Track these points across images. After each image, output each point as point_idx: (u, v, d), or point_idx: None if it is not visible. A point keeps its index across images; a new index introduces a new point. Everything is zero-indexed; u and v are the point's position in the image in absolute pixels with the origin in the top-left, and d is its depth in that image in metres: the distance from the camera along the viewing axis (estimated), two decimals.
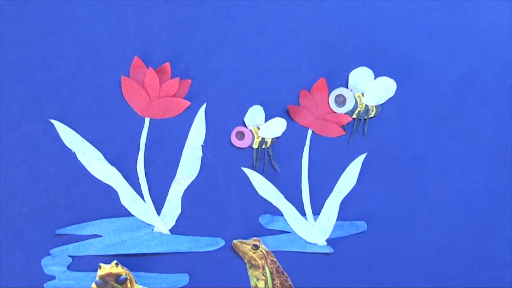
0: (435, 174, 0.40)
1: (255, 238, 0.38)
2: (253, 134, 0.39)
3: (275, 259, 0.39)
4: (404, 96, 0.40)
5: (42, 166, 0.39)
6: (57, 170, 0.39)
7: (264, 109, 0.39)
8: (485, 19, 0.40)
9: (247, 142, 0.39)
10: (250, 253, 0.39)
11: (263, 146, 0.39)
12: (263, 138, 0.39)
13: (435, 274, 0.40)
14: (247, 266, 0.39)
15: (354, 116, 0.40)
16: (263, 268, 0.39)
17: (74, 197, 0.39)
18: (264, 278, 0.39)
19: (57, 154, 0.39)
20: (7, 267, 0.38)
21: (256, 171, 0.39)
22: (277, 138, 0.39)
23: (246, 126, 0.39)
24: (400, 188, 0.40)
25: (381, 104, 0.40)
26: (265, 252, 0.38)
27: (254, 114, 0.39)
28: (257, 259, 0.38)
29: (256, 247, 0.38)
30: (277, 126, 0.39)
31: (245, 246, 0.38)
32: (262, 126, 0.39)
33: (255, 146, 0.39)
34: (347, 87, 0.40)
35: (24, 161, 0.39)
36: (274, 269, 0.39)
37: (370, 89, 0.40)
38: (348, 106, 0.40)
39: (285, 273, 0.39)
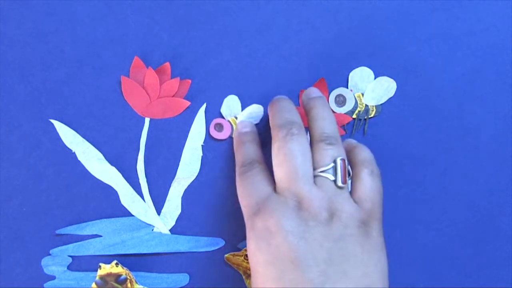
0: (435, 174, 0.40)
1: (246, 248, 0.38)
2: (231, 125, 0.39)
3: None
4: (404, 96, 0.40)
5: (42, 166, 0.39)
6: (57, 170, 0.39)
7: (264, 109, 0.39)
8: (485, 19, 0.40)
9: (226, 134, 0.39)
10: (244, 264, 0.38)
11: None
12: None
13: (435, 274, 0.40)
14: (244, 277, 0.39)
15: (354, 116, 0.40)
16: None
17: (74, 197, 0.39)
18: None
19: (57, 154, 0.39)
20: (7, 267, 0.38)
21: None
22: (256, 125, 0.39)
23: (223, 118, 0.39)
24: (400, 188, 0.40)
25: (381, 104, 0.40)
26: None
27: (230, 105, 0.39)
28: None
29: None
30: (255, 113, 0.39)
31: (237, 258, 0.38)
32: (239, 115, 0.39)
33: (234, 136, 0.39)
34: (347, 87, 0.40)
35: (24, 161, 0.39)
36: None
37: (370, 89, 0.40)
38: (348, 106, 0.40)
39: None
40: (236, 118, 0.39)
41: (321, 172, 0.32)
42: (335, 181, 0.32)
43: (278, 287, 0.29)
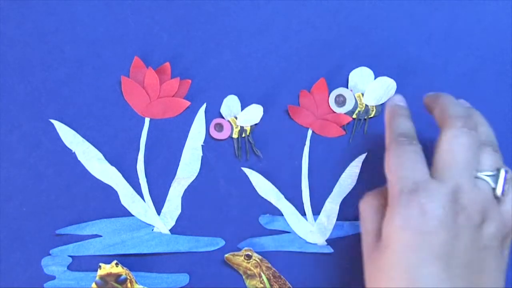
0: None
1: (246, 248, 0.38)
2: (231, 124, 0.39)
3: (269, 265, 0.39)
4: (404, 96, 0.40)
5: (42, 166, 0.39)
6: (57, 170, 0.39)
7: (264, 109, 0.39)
8: (485, 19, 0.40)
9: (226, 134, 0.39)
10: (244, 264, 0.38)
11: (243, 135, 0.39)
12: (241, 127, 0.39)
13: None
14: (244, 277, 0.39)
15: (354, 116, 0.40)
16: (260, 276, 0.38)
17: (74, 197, 0.39)
18: (262, 285, 0.39)
19: (57, 154, 0.39)
20: (7, 267, 0.38)
21: (239, 161, 0.39)
22: (255, 125, 0.39)
23: (223, 118, 0.39)
24: None
25: (381, 104, 0.40)
26: (258, 260, 0.38)
27: (230, 105, 0.39)
28: (251, 268, 0.38)
29: (248, 257, 0.38)
30: (254, 113, 0.39)
31: (237, 258, 0.38)
32: (239, 115, 0.39)
33: (235, 136, 0.39)
34: (347, 87, 0.40)
35: (24, 161, 0.39)
36: (270, 275, 0.39)
37: (370, 89, 0.40)
38: (348, 106, 0.40)
39: (282, 276, 0.39)
40: (236, 118, 0.39)
41: (484, 175, 0.31)
42: (494, 189, 0.31)
43: (412, 274, 0.29)
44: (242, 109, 0.39)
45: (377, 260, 0.31)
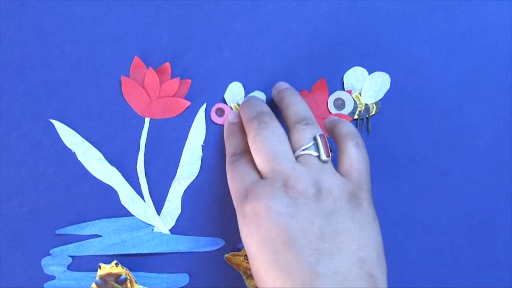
0: (435, 174, 0.40)
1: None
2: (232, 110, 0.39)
3: None
4: (404, 97, 0.40)
5: (42, 166, 0.39)
6: (57, 170, 0.39)
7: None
8: (485, 19, 0.40)
9: None
10: (244, 264, 0.38)
11: None
12: None
13: (435, 274, 0.40)
14: (244, 277, 0.39)
15: (356, 116, 0.40)
16: None
17: (74, 197, 0.39)
18: None
19: (57, 154, 0.39)
20: (7, 267, 0.39)
21: None
22: None
23: (226, 103, 0.39)
24: (400, 188, 0.40)
25: (380, 100, 0.40)
26: None
27: (234, 91, 0.39)
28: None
29: None
30: None
31: (237, 258, 0.38)
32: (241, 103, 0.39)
33: None
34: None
35: (24, 161, 0.39)
36: None
37: (365, 87, 0.40)
38: (348, 108, 0.40)
39: None
40: (238, 105, 0.39)
41: (303, 150, 0.32)
42: (318, 157, 0.32)
43: (274, 270, 0.29)
44: (245, 97, 0.39)
45: (252, 270, 0.31)
